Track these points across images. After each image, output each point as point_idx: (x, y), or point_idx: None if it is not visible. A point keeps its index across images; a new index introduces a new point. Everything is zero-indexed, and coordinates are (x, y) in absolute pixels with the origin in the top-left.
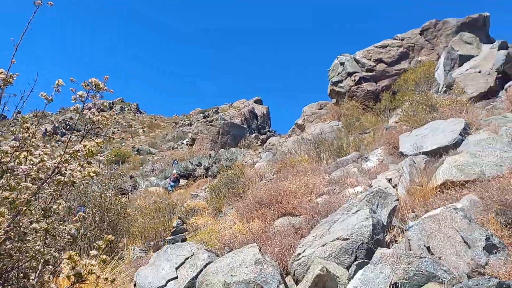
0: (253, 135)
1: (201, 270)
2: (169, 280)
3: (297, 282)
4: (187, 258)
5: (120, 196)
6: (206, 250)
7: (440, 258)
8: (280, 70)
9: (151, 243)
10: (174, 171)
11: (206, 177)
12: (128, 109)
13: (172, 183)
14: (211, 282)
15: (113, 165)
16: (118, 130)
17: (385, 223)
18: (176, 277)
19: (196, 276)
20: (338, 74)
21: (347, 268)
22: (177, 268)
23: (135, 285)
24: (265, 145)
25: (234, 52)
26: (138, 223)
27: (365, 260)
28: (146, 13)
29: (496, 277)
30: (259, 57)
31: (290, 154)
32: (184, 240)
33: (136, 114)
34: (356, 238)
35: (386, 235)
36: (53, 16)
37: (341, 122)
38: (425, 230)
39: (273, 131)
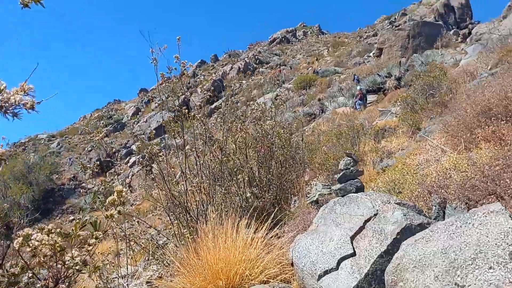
0: (451, 32)
1: (394, 240)
2: (342, 259)
3: None
4: (368, 220)
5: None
6: (399, 204)
7: None
8: None
9: (335, 175)
10: (359, 88)
11: (399, 88)
12: (310, 33)
13: (360, 101)
14: (424, 265)
15: (301, 90)
16: (304, 56)
17: None
18: (354, 254)
19: (387, 252)
20: None
21: None
22: (352, 238)
23: (292, 264)
24: (469, 37)
25: None
26: (320, 152)
27: None
28: None
29: None
30: None
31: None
32: (360, 189)
33: (319, 36)
34: None
35: None
36: None
37: None
38: None
39: (476, 22)
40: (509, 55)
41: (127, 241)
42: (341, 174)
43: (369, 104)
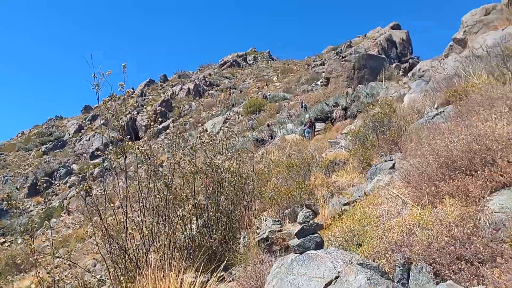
0: (394, 65)
1: None
2: None
3: None
4: (328, 284)
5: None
6: (361, 265)
7: None
8: None
9: (286, 211)
10: (307, 116)
11: (346, 118)
12: (260, 58)
13: (308, 129)
14: None
15: (250, 114)
16: (254, 80)
17: None
18: None
19: None
20: None
21: None
22: None
23: None
24: (412, 72)
25: None
26: (270, 184)
27: None
28: None
29: None
30: None
31: (457, 77)
32: (319, 245)
33: (269, 62)
34: None
35: None
36: None
37: None
38: None
39: (416, 57)
40: (455, 96)
41: None
42: (299, 228)
43: (317, 132)
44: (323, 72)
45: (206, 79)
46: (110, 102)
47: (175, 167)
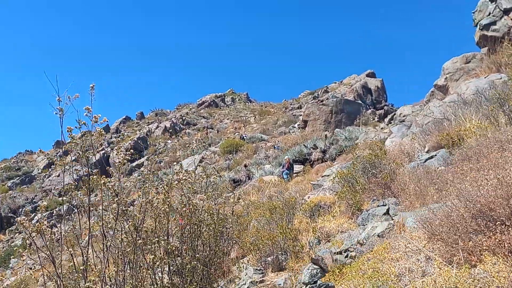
0: (369, 111)
1: None
2: None
3: None
4: None
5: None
6: None
7: None
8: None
9: (268, 258)
10: (287, 157)
11: (324, 161)
12: (238, 99)
13: (287, 171)
14: None
15: (227, 154)
16: (231, 120)
17: None
18: None
19: None
20: (489, 14)
21: None
22: None
23: None
24: (393, 117)
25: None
26: (251, 228)
27: None
28: None
29: None
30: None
31: (447, 121)
32: None
33: (247, 103)
34: None
35: None
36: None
37: (505, 74)
38: None
39: (390, 104)
40: (447, 139)
41: None
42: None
43: (295, 174)
44: (301, 115)
45: (183, 118)
46: (82, 137)
47: (147, 207)
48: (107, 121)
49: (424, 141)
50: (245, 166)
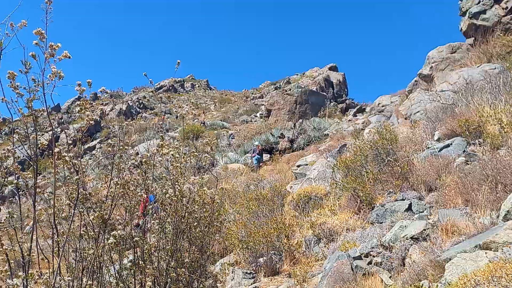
0: (331, 104)
1: None
2: None
3: None
4: None
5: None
6: None
7: None
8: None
9: (261, 259)
10: (257, 143)
11: (293, 150)
12: (198, 86)
13: (258, 156)
14: None
15: (187, 141)
16: (190, 107)
17: None
18: None
19: None
20: (479, 2)
21: None
22: None
23: None
24: (359, 109)
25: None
26: (229, 220)
27: None
28: None
29: None
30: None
31: (455, 106)
32: None
33: (207, 90)
34: None
35: None
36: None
37: (499, 64)
38: None
39: (351, 99)
40: (465, 126)
41: None
42: None
43: (262, 163)
44: (262, 104)
45: (141, 101)
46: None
47: (117, 192)
48: (70, 57)
49: (431, 128)
50: (207, 153)
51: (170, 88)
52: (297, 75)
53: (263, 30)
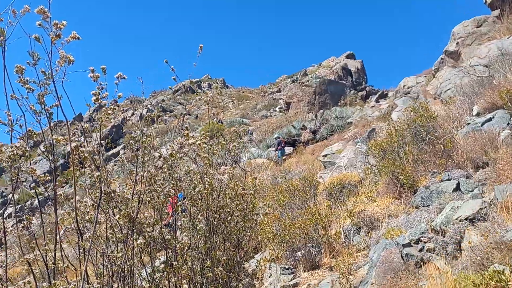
0: (351, 92)
1: None
2: None
3: None
4: None
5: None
6: None
7: None
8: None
9: (298, 253)
10: (276, 135)
11: (316, 141)
12: (215, 85)
13: (282, 150)
14: None
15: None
16: (210, 101)
17: None
18: None
19: None
20: None
21: None
22: None
23: None
24: (381, 95)
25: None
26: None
27: None
28: None
29: None
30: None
31: (492, 78)
32: None
33: (224, 89)
34: None
35: None
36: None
37: None
38: None
39: (371, 86)
40: (507, 97)
41: None
42: None
43: (286, 156)
44: (281, 98)
45: (160, 104)
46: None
47: (143, 189)
48: (79, 38)
49: (469, 103)
50: (229, 150)
51: (188, 89)
52: (314, 66)
53: (271, 26)
